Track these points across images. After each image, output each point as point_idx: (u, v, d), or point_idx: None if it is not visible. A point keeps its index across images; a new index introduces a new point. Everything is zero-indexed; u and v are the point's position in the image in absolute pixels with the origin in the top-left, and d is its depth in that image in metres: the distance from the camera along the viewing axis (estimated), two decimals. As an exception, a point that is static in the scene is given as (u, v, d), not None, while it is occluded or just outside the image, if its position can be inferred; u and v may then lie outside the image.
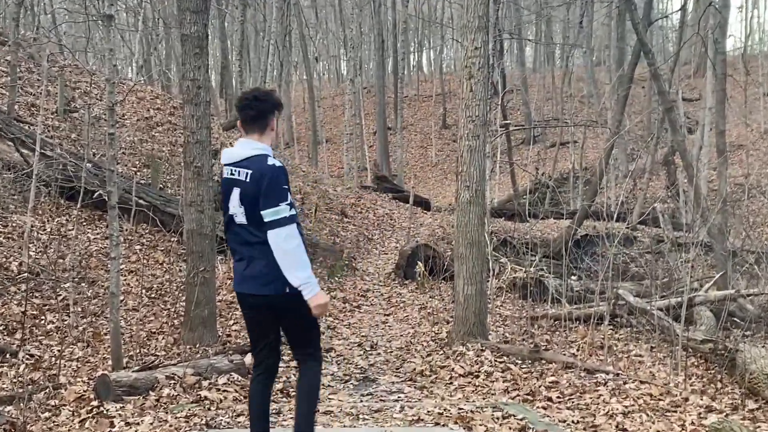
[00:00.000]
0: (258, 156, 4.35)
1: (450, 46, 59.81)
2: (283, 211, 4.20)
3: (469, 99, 8.80)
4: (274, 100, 4.55)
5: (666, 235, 15.80)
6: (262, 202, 4.21)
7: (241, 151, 4.41)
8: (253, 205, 4.27)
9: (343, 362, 8.66)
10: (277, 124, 4.56)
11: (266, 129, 4.50)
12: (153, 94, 20.92)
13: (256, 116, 4.46)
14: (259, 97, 4.48)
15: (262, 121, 4.47)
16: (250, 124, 4.47)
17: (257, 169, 4.28)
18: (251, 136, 4.47)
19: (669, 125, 15.18)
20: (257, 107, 4.45)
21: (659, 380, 7.45)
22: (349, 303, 12.01)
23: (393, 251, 16.43)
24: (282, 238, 4.18)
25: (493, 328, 9.91)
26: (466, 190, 8.87)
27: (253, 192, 4.26)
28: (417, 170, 37.69)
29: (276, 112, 4.56)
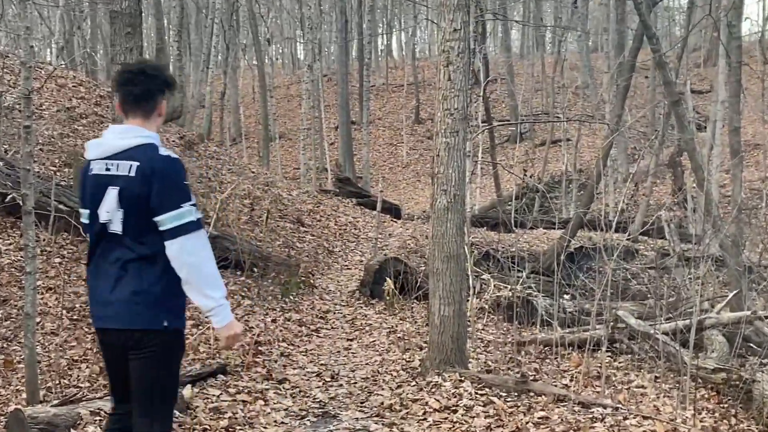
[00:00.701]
0: (145, 146, 3.96)
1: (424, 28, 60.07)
2: (188, 214, 3.89)
3: (447, 89, 8.83)
4: (165, 76, 4.17)
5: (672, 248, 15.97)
6: (158, 204, 3.85)
7: (119, 140, 3.99)
8: (137, 208, 3.89)
9: (299, 395, 8.64)
10: (165, 108, 4.24)
11: (153, 113, 4.11)
12: (76, 80, 20.76)
13: (141, 95, 4.05)
14: (146, 72, 4.08)
15: (148, 103, 4.08)
16: (132, 105, 4.07)
17: (146, 161, 3.90)
18: (133, 120, 4.06)
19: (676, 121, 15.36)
20: (143, 84, 4.05)
21: (665, 415, 7.51)
22: (306, 326, 11.98)
23: (358, 266, 16.43)
24: (189, 248, 3.85)
25: (473, 356, 9.93)
26: (442, 195, 8.89)
27: (140, 191, 3.87)
28: (386, 172, 37.76)
29: (166, 92, 4.16)
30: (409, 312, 13.08)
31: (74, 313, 10.19)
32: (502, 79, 38.57)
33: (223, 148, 27.18)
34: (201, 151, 21.29)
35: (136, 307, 3.84)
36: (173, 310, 3.94)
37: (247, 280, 13.19)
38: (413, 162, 39.03)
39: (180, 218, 3.84)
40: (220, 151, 24.01)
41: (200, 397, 7.99)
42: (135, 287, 3.84)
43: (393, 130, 42.66)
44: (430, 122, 37.86)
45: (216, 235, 13.27)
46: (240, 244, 13.59)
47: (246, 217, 16.32)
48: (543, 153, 31.52)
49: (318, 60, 33.72)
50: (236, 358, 9.56)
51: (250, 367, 9.37)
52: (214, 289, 3.90)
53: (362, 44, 38.21)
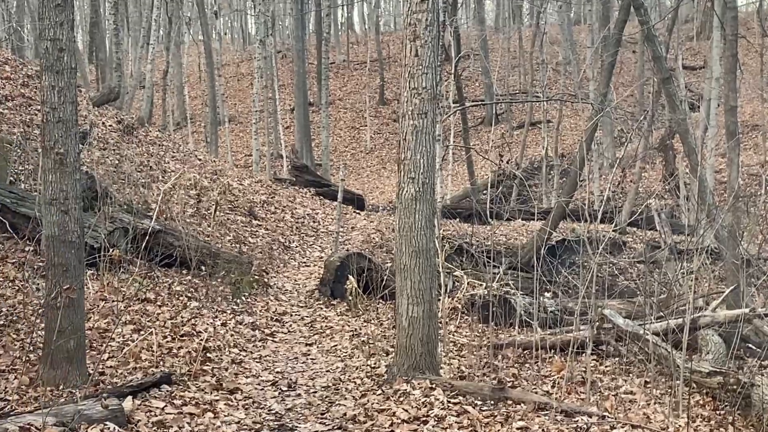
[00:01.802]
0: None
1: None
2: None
3: (414, 66, 8.83)
4: None
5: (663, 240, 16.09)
6: None
7: None
8: None
9: (253, 406, 8.64)
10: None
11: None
12: (0, 58, 20.59)
13: None
14: None
15: None
16: None
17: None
18: None
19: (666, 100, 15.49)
20: None
21: (656, 424, 7.58)
22: (260, 330, 11.98)
23: (317, 262, 16.44)
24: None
25: (445, 360, 9.97)
26: (410, 184, 8.90)
27: None
28: (347, 158, 37.80)
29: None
30: (374, 313, 13.11)
31: (0, 318, 10.12)
32: (475, 54, 38.72)
33: (166, 133, 27.10)
34: (141, 136, 21.20)
35: None
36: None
37: (194, 280, 13.16)
38: (378, 147, 39.09)
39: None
40: (162, 136, 23.92)
41: (142, 410, 7.97)
42: None
43: (355, 112, 42.69)
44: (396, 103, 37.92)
45: (159, 230, 13.23)
46: (186, 239, 13.55)
47: (192, 210, 16.27)
48: (521, 136, 31.67)
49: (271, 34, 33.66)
50: (182, 366, 9.54)
51: (198, 376, 9.35)
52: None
53: (320, 17, 38.21)
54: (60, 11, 8.65)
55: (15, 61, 20.97)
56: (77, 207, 8.82)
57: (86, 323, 9.43)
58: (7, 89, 18.14)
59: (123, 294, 11.66)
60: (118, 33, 26.80)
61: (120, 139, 19.82)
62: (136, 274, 12.29)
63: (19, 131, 16.05)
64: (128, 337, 10.33)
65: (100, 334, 10.26)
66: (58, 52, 8.65)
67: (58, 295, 8.63)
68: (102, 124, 19.89)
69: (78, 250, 8.87)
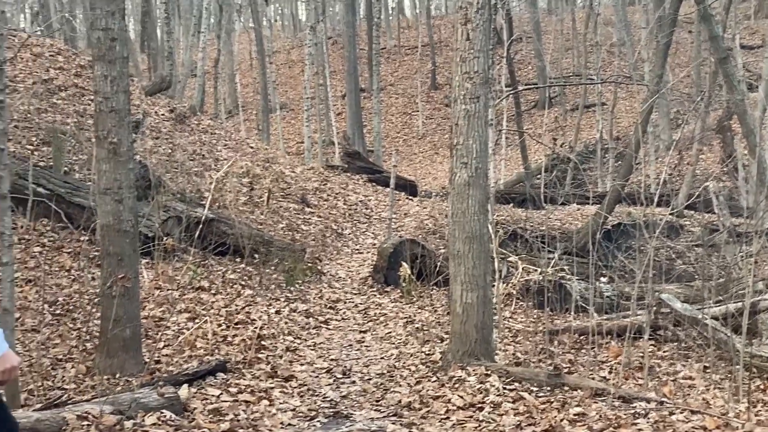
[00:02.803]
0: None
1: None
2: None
3: (466, 50, 8.81)
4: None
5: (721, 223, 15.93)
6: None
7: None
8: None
9: (308, 394, 8.67)
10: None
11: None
12: (53, 49, 20.79)
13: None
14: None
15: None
16: None
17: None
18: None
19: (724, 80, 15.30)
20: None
21: (715, 409, 7.51)
22: (314, 317, 12.02)
23: (370, 249, 16.46)
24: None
25: (500, 347, 9.96)
26: (463, 169, 8.88)
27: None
28: (399, 144, 37.76)
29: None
30: (428, 299, 13.09)
31: (57, 308, 10.26)
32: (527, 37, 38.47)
33: (218, 122, 27.23)
34: (193, 125, 21.33)
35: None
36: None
37: (248, 268, 13.23)
38: (430, 132, 39.00)
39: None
40: (214, 124, 24.05)
41: (198, 398, 8.04)
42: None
43: (407, 98, 42.62)
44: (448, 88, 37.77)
45: (212, 218, 13.32)
46: (239, 227, 13.63)
47: (245, 198, 16.36)
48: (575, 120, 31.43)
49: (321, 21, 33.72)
50: (237, 354, 9.60)
51: (253, 364, 9.41)
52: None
53: (371, 2, 38.16)
54: (110, 1, 8.72)
55: (68, 52, 21.19)
56: (131, 196, 8.91)
57: (141, 312, 9.53)
58: (60, 79, 18.34)
59: (177, 282, 11.77)
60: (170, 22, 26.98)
61: (172, 127, 19.96)
62: (190, 262, 12.39)
63: (72, 121, 16.24)
64: (183, 325, 10.42)
65: (156, 322, 10.36)
66: (110, 42, 8.72)
67: (113, 284, 8.73)
68: (154, 113, 20.05)
69: (132, 239, 8.96)
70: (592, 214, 17.25)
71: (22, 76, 17.78)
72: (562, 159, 25.09)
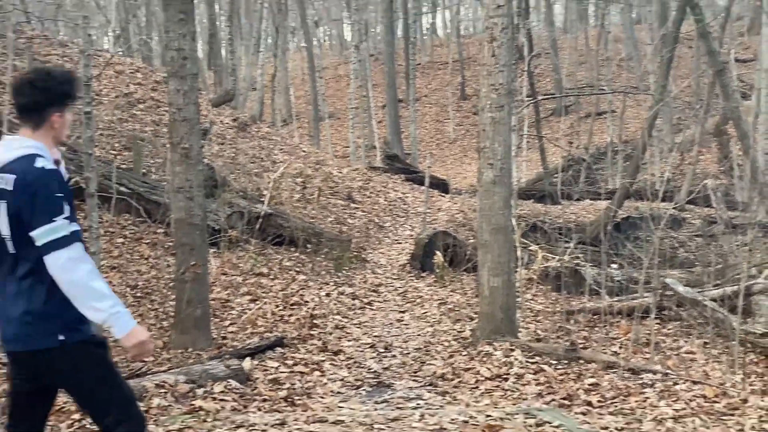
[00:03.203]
0: (23, 157, 3.62)
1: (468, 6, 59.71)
2: (61, 228, 3.53)
3: (492, 65, 8.79)
4: (60, 88, 3.75)
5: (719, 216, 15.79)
6: (30, 219, 3.54)
7: (4, 152, 3.67)
8: (19, 223, 3.60)
9: (354, 366, 8.69)
10: (65, 120, 3.80)
11: (42, 125, 3.72)
12: (133, 67, 20.95)
13: (27, 107, 3.71)
14: (34, 83, 3.70)
15: (36, 115, 3.71)
16: (20, 115, 3.76)
17: (21, 174, 3.57)
18: (23, 131, 3.73)
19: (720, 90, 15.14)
20: (30, 96, 3.69)
21: (714, 380, 7.46)
22: (359, 299, 12.04)
23: (407, 240, 16.45)
24: (62, 264, 3.51)
25: (523, 325, 9.92)
26: (489, 169, 8.87)
27: (19, 205, 3.57)
28: (433, 147, 37.63)
29: (62, 104, 3.76)
30: (459, 284, 13.08)
31: (137, 291, 10.35)
32: (546, 53, 38.22)
33: (274, 129, 27.31)
34: (253, 132, 21.42)
35: (28, 327, 3.62)
36: (70, 323, 3.63)
37: (301, 256, 13.28)
38: (460, 137, 38.86)
39: (53, 233, 3.53)
40: (271, 131, 24.12)
41: (259, 369, 8.08)
42: (26, 306, 3.62)
43: (439, 107, 42.48)
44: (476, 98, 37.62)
45: (270, 213, 13.38)
46: (293, 221, 13.69)
47: (298, 195, 16.40)
48: (588, 125, 31.20)
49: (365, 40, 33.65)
50: (293, 331, 9.64)
51: (306, 340, 9.45)
52: (99, 301, 3.54)
53: (407, 23, 38.12)
54: (183, 25, 8.78)
55: (145, 69, 21.36)
56: (200, 194, 8.97)
57: (210, 295, 9.59)
58: (138, 93, 18.49)
59: (240, 269, 11.83)
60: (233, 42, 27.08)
61: (235, 134, 20.06)
62: (252, 251, 12.45)
63: (149, 130, 16.37)
64: (246, 306, 10.48)
65: (222, 304, 10.43)
66: (182, 60, 8.79)
67: (185, 270, 8.80)
68: (220, 122, 20.16)
69: (202, 232, 9.03)
70: (604, 208, 17.14)
71: (106, 91, 17.93)
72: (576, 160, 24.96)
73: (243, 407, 6.85)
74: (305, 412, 6.65)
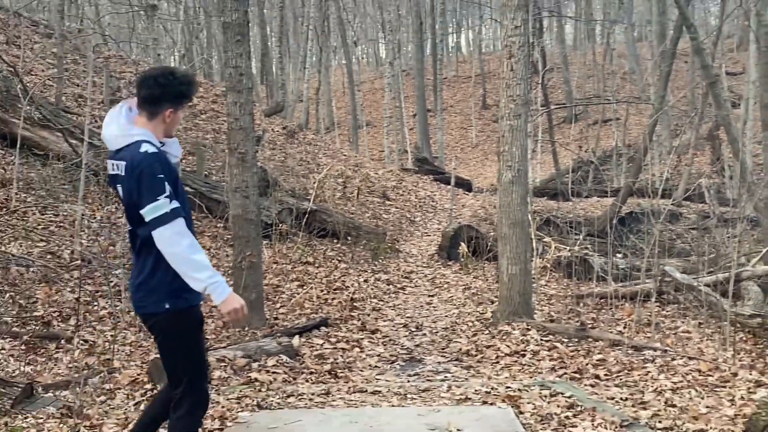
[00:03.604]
0: (133, 144, 3.67)
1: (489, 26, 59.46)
2: (163, 206, 3.56)
3: (510, 78, 8.77)
4: (177, 88, 3.77)
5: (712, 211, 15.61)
6: (138, 198, 3.60)
7: (119, 140, 3.73)
8: (131, 202, 3.68)
9: (389, 343, 8.71)
10: (177, 117, 3.87)
11: (156, 117, 3.77)
12: (195, 82, 21.07)
13: (146, 98, 3.75)
14: (158, 78, 3.74)
15: (152, 107, 3.75)
16: (139, 104, 3.79)
17: (130, 158, 3.64)
18: (139, 119, 3.79)
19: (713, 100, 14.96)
20: (151, 89, 3.73)
21: (708, 356, 7.40)
22: (393, 285, 12.05)
23: (435, 233, 16.43)
24: (167, 238, 3.56)
25: (538, 307, 9.89)
26: (508, 170, 8.85)
27: (130, 187, 3.65)
28: (458, 151, 37.54)
29: (177, 102, 3.80)
30: (481, 271, 13.05)
31: (200, 278, 10.40)
32: (557, 68, 37.99)
33: (318, 136, 27.37)
34: (300, 138, 21.49)
35: (143, 295, 3.71)
36: (175, 292, 3.67)
37: (342, 247, 13.31)
38: (481, 143, 38.75)
39: (156, 210, 3.55)
40: (316, 138, 24.19)
41: (306, 346, 8.12)
42: (141, 276, 3.71)
43: (463, 116, 42.37)
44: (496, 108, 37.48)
45: (315, 210, 13.41)
46: (335, 216, 13.71)
47: (340, 194, 16.44)
48: (595, 131, 31.02)
49: (397, 58, 33.62)
50: (335, 312, 9.67)
51: (347, 320, 9.48)
52: (198, 271, 3.56)
53: (435, 42, 38.08)
54: (239, 45, 8.82)
55: (207, 84, 21.49)
56: (255, 193, 9.02)
57: (263, 281, 9.64)
58: (201, 105, 18.61)
59: (290, 258, 11.88)
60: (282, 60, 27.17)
61: (285, 141, 20.14)
62: (299, 243, 12.50)
63: (211, 137, 16.47)
64: (294, 291, 10.52)
65: (274, 288, 10.47)
66: (239, 76, 8.83)
67: (242, 259, 8.85)
68: (271, 130, 20.24)
69: (256, 226, 9.08)
70: (610, 204, 17.01)
71: (172, 103, 18.04)
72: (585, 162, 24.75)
73: (292, 379, 6.89)
74: (347, 384, 6.69)
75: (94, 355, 7.36)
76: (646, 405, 5.85)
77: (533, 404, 5.71)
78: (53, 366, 7.07)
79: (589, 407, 5.55)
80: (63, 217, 10.66)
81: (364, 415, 5.52)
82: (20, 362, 6.92)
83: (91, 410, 5.72)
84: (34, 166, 11.59)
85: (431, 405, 5.86)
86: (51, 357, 7.28)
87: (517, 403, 5.74)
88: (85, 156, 10.20)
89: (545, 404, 5.72)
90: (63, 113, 13.34)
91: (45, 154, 11.93)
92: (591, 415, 5.35)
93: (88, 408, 5.79)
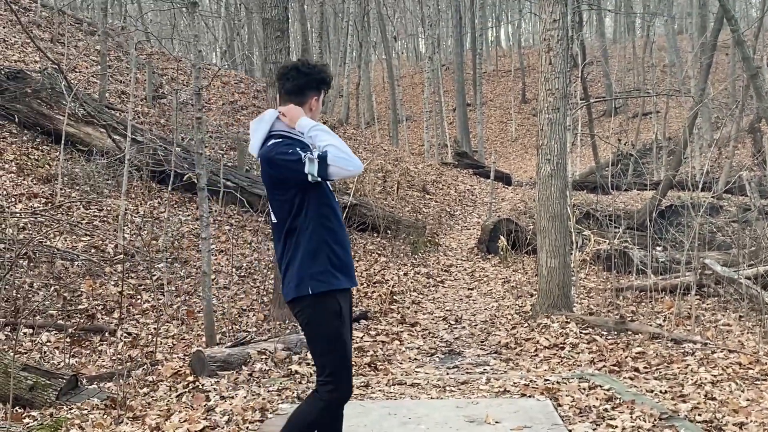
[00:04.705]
0: (269, 136, 3.75)
1: (528, 20, 59.06)
2: (310, 158, 3.50)
3: (549, 72, 8.70)
4: (318, 75, 3.82)
5: (753, 203, 15.37)
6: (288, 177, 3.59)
7: (261, 132, 3.78)
8: (271, 191, 3.73)
9: (429, 336, 8.71)
10: (319, 104, 3.87)
11: (303, 105, 3.78)
12: (237, 78, 21.24)
13: (291, 90, 3.78)
14: (299, 69, 3.79)
15: (297, 97, 3.77)
16: (283, 97, 3.82)
17: (266, 151, 3.68)
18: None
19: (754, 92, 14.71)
20: (294, 80, 3.77)
21: (748, 349, 7.28)
22: (433, 278, 12.04)
23: (475, 226, 16.39)
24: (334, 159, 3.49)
25: (577, 301, 9.82)
26: (547, 164, 8.79)
27: (269, 181, 3.70)
28: (497, 145, 37.41)
29: (319, 89, 3.83)
30: (520, 264, 12.99)
31: (242, 271, 10.50)
32: (597, 61, 37.63)
33: (359, 130, 27.41)
34: (341, 133, 21.52)
35: (288, 281, 3.71)
36: (315, 276, 3.65)
37: (382, 241, 13.32)
38: (521, 136, 38.55)
39: (312, 164, 3.50)
40: (356, 132, 24.24)
41: (346, 339, 8.13)
42: (285, 264, 3.73)
43: (503, 110, 42.18)
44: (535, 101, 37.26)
45: (355, 204, 13.43)
46: (375, 210, 13.72)
47: (380, 188, 16.46)
48: (635, 124, 30.68)
49: (437, 52, 33.56)
50: (375, 305, 9.68)
51: (387, 314, 9.48)
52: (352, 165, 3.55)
53: (474, 37, 37.91)
54: (279, 41, 8.85)
55: (248, 80, 21.62)
56: (295, 187, 9.02)
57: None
58: (241, 101, 18.73)
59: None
60: (323, 56, 27.19)
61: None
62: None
63: (251, 132, 16.53)
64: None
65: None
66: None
67: (282, 253, 8.88)
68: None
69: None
70: (649, 197, 16.82)
71: (214, 99, 18.21)
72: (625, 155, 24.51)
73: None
74: (386, 376, 6.69)
75: (137, 347, 7.45)
76: (685, 398, 5.78)
77: (572, 397, 5.66)
78: (97, 358, 7.18)
79: (628, 400, 5.49)
80: (107, 211, 10.79)
81: (402, 407, 5.53)
82: (65, 354, 7.03)
83: (134, 401, 5.80)
84: (78, 162, 11.75)
85: (470, 397, 5.84)
86: (95, 349, 7.39)
87: (556, 396, 5.70)
88: (128, 152, 10.31)
89: (584, 397, 5.67)
90: (106, 109, 13.51)
91: (89, 149, 12.09)
92: (630, 408, 5.30)
93: (131, 399, 5.86)
